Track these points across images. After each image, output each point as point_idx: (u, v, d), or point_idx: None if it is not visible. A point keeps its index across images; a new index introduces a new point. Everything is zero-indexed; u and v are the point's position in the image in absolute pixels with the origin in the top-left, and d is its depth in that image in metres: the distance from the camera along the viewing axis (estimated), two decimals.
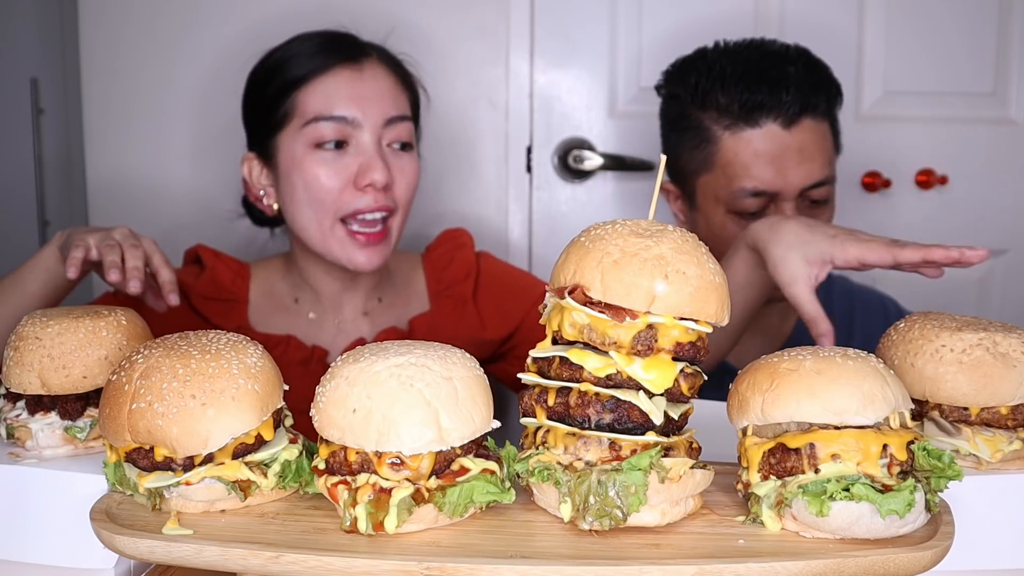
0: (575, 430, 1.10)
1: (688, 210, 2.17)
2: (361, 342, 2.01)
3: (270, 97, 1.99)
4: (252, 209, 2.16)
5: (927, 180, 2.76)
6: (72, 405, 1.25)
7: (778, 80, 1.99)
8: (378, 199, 1.92)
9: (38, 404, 1.25)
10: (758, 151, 2.00)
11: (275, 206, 2.04)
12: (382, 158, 1.93)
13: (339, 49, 1.99)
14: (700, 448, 1.15)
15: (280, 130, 1.97)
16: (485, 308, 2.13)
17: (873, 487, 1.04)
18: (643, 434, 1.08)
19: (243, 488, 1.13)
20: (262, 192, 2.05)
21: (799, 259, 1.65)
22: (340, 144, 1.93)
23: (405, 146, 1.99)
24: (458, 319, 2.10)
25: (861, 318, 2.28)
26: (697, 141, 2.07)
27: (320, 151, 1.93)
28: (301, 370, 1.99)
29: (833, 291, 2.29)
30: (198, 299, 2.03)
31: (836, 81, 2.08)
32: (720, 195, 2.05)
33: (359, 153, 1.93)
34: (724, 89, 2.01)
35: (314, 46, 1.99)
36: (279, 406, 1.18)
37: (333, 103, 1.93)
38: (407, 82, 2.06)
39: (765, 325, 2.22)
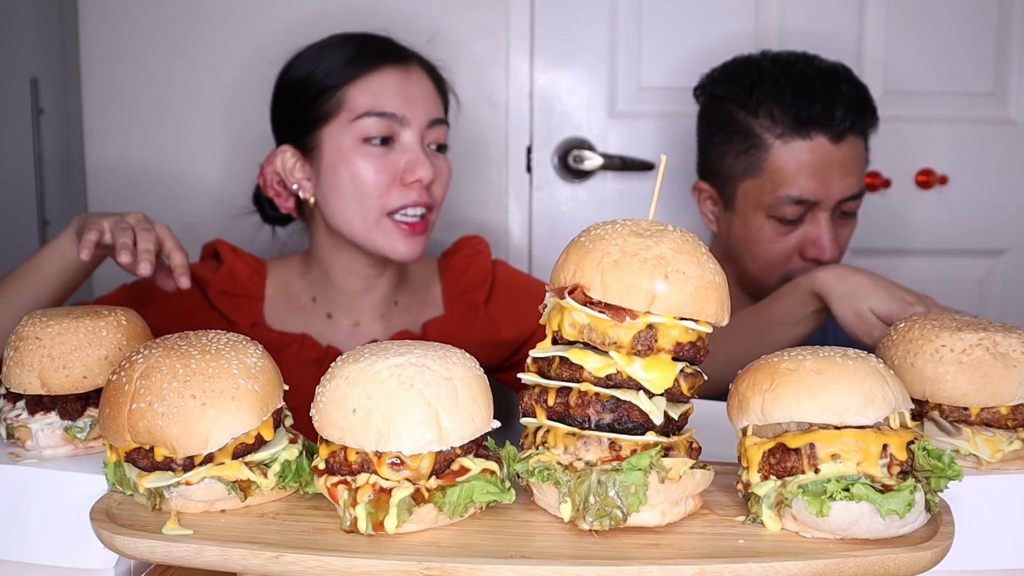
0: (575, 430, 1.10)
1: (723, 211, 2.24)
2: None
3: (315, 92, 2.00)
4: (263, 206, 2.17)
5: (927, 180, 2.76)
6: (72, 405, 1.25)
7: (832, 97, 2.10)
8: (421, 195, 1.97)
9: (38, 404, 1.25)
10: (806, 162, 2.10)
11: (312, 199, 2.04)
12: (428, 156, 1.98)
13: (386, 50, 2.03)
14: (700, 448, 1.15)
15: (325, 124, 1.99)
16: (497, 313, 2.14)
17: (873, 487, 1.04)
18: (643, 434, 1.08)
19: (243, 488, 1.13)
20: (295, 186, 2.05)
21: (870, 312, 1.78)
22: (387, 140, 1.97)
23: (442, 148, 2.05)
24: (471, 324, 2.11)
25: None
26: (746, 146, 2.14)
27: (368, 146, 1.96)
28: (314, 370, 1.98)
29: None
30: (215, 294, 2.04)
31: (874, 104, 2.20)
32: (763, 200, 2.13)
33: (405, 150, 1.97)
34: (779, 99, 2.11)
35: (358, 45, 2.03)
36: (279, 406, 1.18)
37: (383, 100, 1.97)
38: (442, 87, 2.10)
39: None
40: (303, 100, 2.02)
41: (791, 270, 2.15)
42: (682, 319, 1.07)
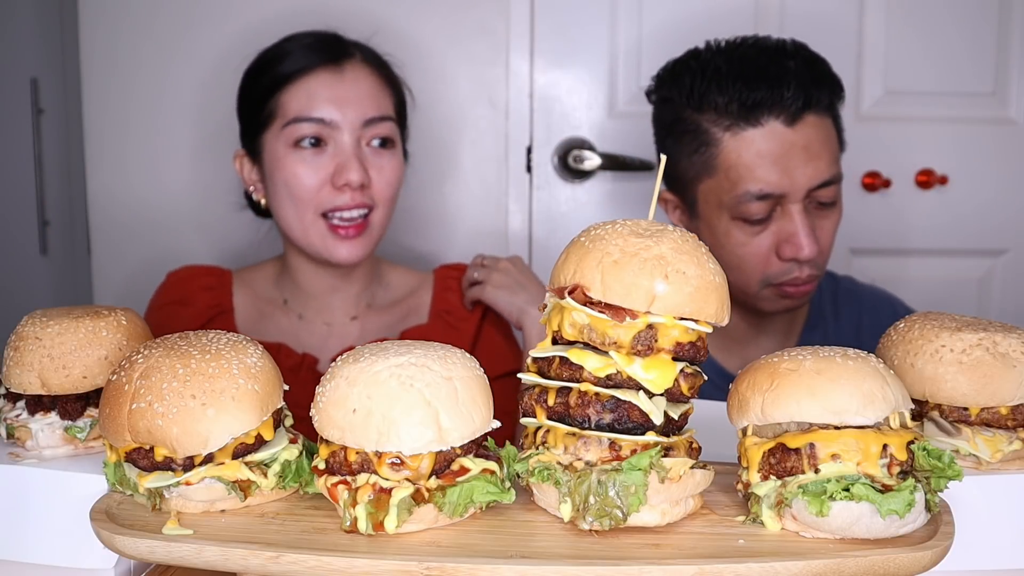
0: (575, 430, 1.10)
1: (689, 220, 2.06)
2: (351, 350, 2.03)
3: (256, 97, 2.03)
4: (253, 201, 2.18)
5: (927, 180, 2.76)
6: (72, 405, 1.25)
7: (778, 76, 1.89)
8: (355, 197, 1.96)
9: (38, 404, 1.25)
10: (761, 151, 1.90)
11: (263, 201, 2.09)
12: (358, 158, 1.97)
13: (322, 50, 2.02)
14: (700, 448, 1.15)
15: (265, 129, 2.02)
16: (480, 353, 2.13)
17: (873, 487, 1.04)
18: (643, 434, 1.08)
19: (243, 488, 1.13)
20: (251, 188, 2.11)
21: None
22: (319, 143, 1.97)
23: (386, 143, 2.02)
24: (447, 341, 2.09)
25: (869, 319, 2.22)
26: (696, 145, 1.96)
27: (299, 150, 1.97)
28: (291, 377, 1.98)
29: (839, 292, 2.26)
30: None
31: (836, 76, 1.99)
32: (724, 200, 1.94)
33: (337, 153, 1.97)
34: (721, 88, 1.91)
35: (299, 47, 2.03)
36: (279, 406, 1.18)
37: (313, 104, 1.97)
38: (391, 82, 2.08)
39: (771, 336, 2.18)
40: (248, 105, 2.06)
41: (770, 274, 1.97)
42: (682, 319, 1.07)
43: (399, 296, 2.17)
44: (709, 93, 1.93)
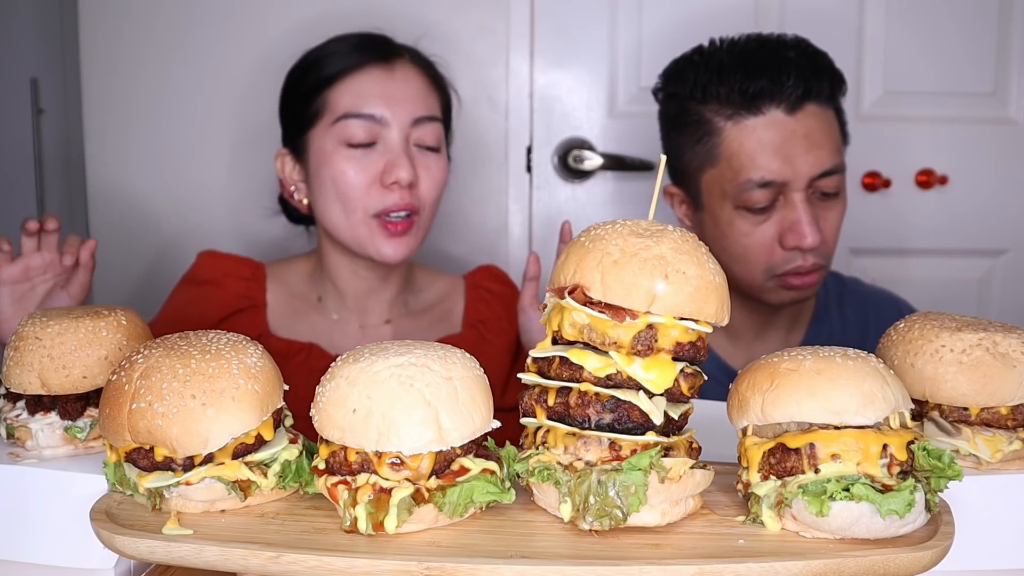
0: (575, 430, 1.10)
1: (694, 213, 2.10)
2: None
3: (303, 94, 2.02)
4: (288, 206, 2.17)
5: (927, 180, 2.76)
6: (72, 405, 1.25)
7: (778, 66, 1.94)
8: (403, 196, 1.94)
9: (38, 404, 1.25)
10: (763, 139, 1.94)
11: (305, 201, 2.06)
12: (408, 156, 1.96)
13: (372, 49, 2.01)
14: (700, 448, 1.15)
15: (312, 127, 2.00)
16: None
17: (873, 487, 1.04)
18: (643, 434, 1.08)
19: (243, 488, 1.13)
20: (293, 188, 2.08)
21: None
22: (369, 142, 1.95)
23: (433, 147, 2.01)
24: (480, 353, 2.09)
25: (876, 319, 2.24)
26: (699, 135, 2.00)
27: (348, 148, 1.95)
28: (321, 378, 1.99)
29: (844, 292, 2.27)
30: (216, 322, 2.03)
31: (837, 69, 2.02)
32: (727, 189, 1.98)
33: (386, 151, 1.96)
34: (723, 80, 1.96)
35: (348, 46, 2.02)
36: (279, 406, 1.18)
37: (363, 101, 1.96)
38: (438, 84, 2.08)
39: (776, 332, 2.19)
40: (294, 104, 2.04)
41: (774, 264, 1.99)
42: (682, 319, 1.07)
43: (430, 301, 2.16)
44: (712, 85, 1.98)
